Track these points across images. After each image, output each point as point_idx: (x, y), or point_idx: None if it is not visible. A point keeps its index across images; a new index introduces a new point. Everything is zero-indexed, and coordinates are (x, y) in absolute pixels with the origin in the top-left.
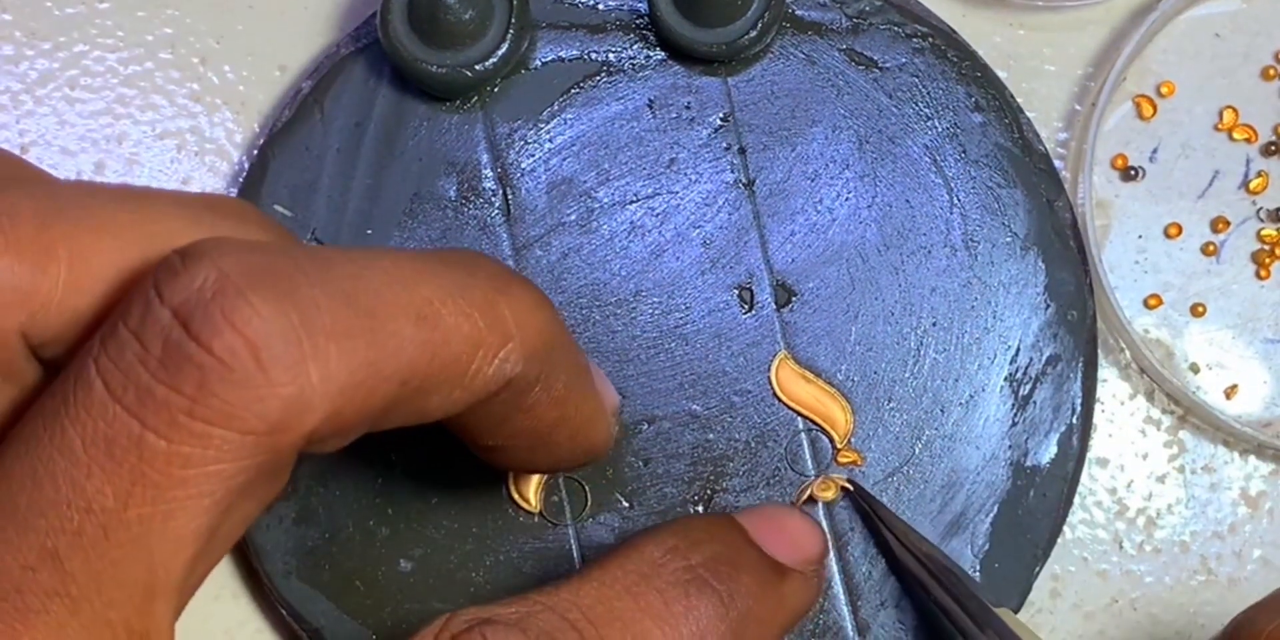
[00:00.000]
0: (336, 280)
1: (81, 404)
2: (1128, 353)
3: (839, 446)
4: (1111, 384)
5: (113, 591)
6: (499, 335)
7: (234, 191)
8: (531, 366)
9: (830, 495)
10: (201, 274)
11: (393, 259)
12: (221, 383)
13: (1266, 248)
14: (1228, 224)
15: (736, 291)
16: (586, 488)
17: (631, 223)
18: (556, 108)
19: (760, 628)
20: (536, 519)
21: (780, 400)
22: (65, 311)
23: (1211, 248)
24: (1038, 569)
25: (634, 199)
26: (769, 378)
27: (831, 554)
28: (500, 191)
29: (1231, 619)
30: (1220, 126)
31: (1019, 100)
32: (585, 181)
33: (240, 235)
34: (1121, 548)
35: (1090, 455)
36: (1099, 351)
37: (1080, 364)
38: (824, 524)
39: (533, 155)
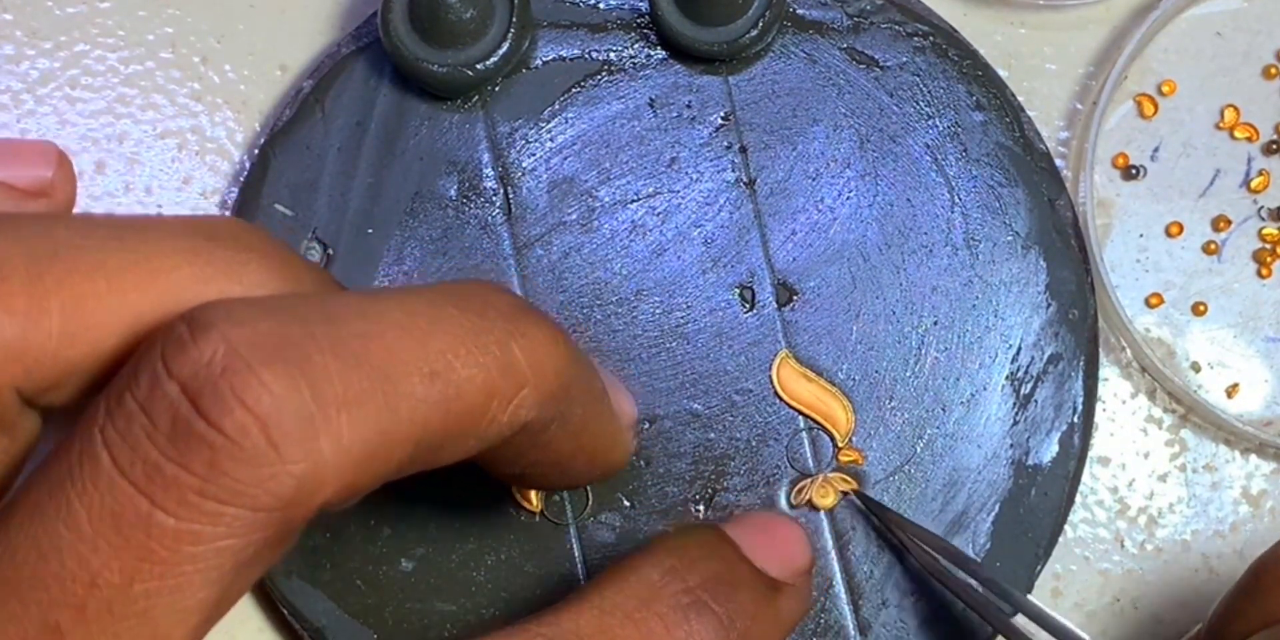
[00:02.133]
0: (347, 341)
1: (88, 477)
2: (1129, 351)
3: (840, 445)
4: (1113, 383)
5: None
6: (513, 383)
7: (235, 191)
8: (547, 409)
9: (829, 502)
10: (209, 347)
11: (404, 310)
12: (232, 461)
13: (1268, 246)
14: (1229, 223)
15: (738, 290)
16: (588, 487)
17: (632, 222)
18: (557, 107)
19: None
20: (538, 519)
21: (781, 399)
22: (60, 362)
23: (1213, 246)
24: (1039, 568)
25: (635, 198)
26: (770, 377)
27: (833, 553)
28: (501, 191)
29: (1259, 556)
30: (1221, 125)
31: (1020, 99)
32: (586, 180)
33: (240, 264)
34: (1123, 547)
35: (1091, 454)
36: (1100, 350)
37: (1081, 363)
38: (825, 524)
39: (534, 154)
